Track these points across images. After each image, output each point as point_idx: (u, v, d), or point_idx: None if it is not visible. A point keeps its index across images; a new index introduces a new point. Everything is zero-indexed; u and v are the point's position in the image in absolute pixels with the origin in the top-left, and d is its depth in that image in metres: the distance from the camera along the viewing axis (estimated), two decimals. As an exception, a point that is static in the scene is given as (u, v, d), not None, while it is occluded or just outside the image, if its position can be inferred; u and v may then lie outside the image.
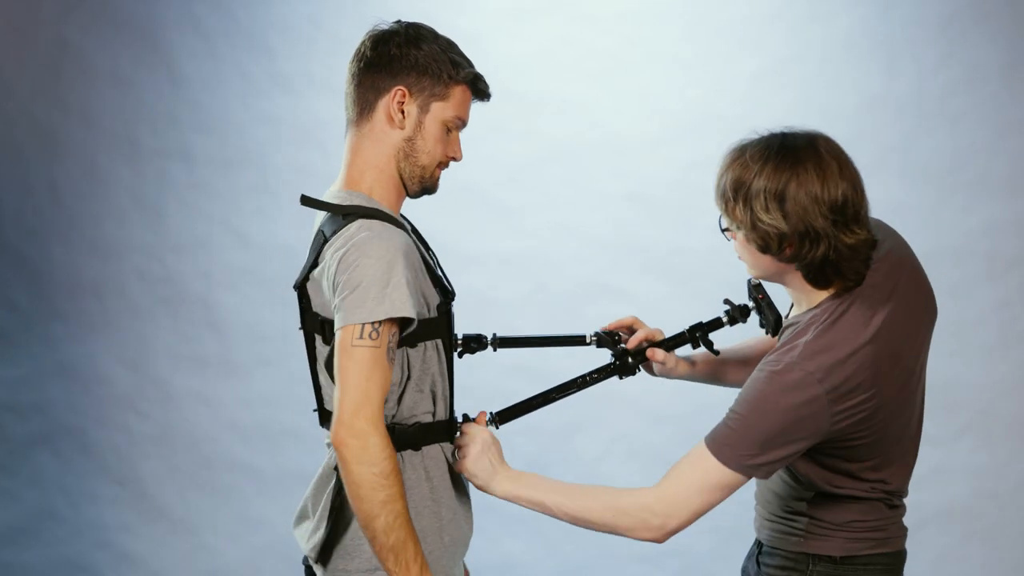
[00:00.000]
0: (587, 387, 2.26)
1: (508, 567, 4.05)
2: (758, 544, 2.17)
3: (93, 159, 4.20)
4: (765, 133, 1.94)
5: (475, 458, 2.09)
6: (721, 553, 3.81)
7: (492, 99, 2.17)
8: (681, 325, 2.35)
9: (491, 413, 2.19)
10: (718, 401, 2.55)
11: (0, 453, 4.26)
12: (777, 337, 2.12)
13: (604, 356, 2.36)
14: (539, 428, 3.91)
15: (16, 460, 4.26)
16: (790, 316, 2.10)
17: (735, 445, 1.92)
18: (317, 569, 2.10)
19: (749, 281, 2.17)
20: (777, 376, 1.90)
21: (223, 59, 4.14)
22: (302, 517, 2.16)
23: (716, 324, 2.27)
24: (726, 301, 2.25)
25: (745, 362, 2.36)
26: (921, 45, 3.84)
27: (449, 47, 2.10)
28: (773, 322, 2.15)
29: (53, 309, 4.23)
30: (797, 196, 1.85)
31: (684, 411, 3.88)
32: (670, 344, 2.29)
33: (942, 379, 3.60)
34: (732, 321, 2.26)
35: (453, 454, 2.14)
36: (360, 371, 1.93)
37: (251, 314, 4.18)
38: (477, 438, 2.11)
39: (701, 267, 3.98)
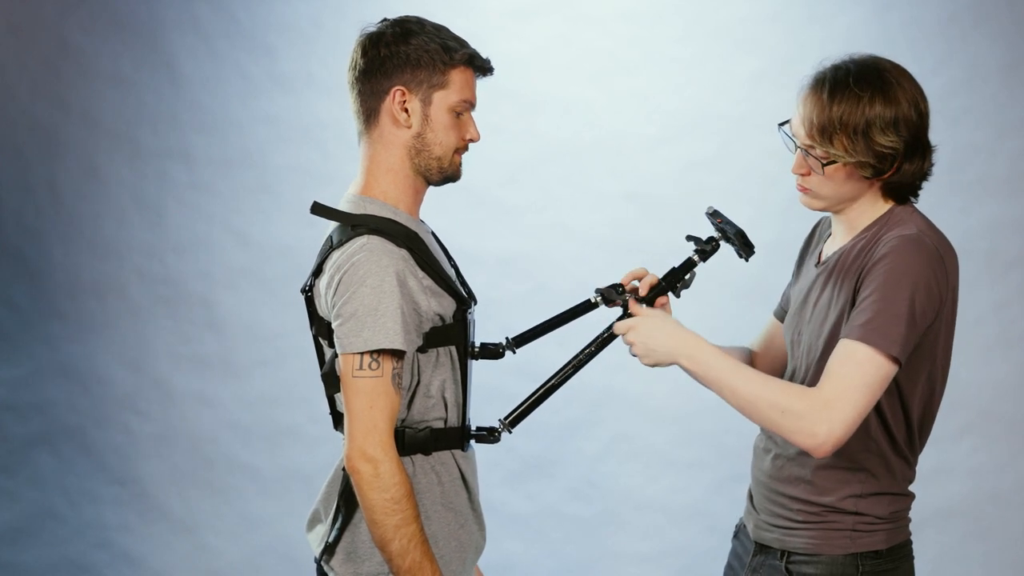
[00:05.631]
0: (587, 363, 2.18)
1: (508, 567, 4.04)
2: (784, 554, 2.10)
3: (93, 159, 4.20)
4: (833, 63, 2.01)
5: (646, 337, 2.05)
6: (721, 553, 3.80)
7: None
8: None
9: (500, 421, 2.16)
10: (719, 402, 2.56)
11: (0, 453, 4.26)
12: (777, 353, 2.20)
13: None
14: (539, 428, 3.91)
15: (16, 460, 4.26)
16: (826, 252, 2.11)
17: (882, 327, 1.89)
18: (329, 572, 2.10)
19: (707, 211, 2.17)
20: (904, 244, 1.93)
21: (223, 59, 4.14)
22: (314, 520, 2.16)
23: (689, 265, 2.22)
24: (689, 238, 2.20)
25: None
26: (920, 46, 3.84)
27: (438, 32, 2.07)
28: (740, 241, 2.11)
29: (53, 309, 4.23)
30: (909, 115, 1.94)
31: (684, 411, 3.88)
32: (661, 289, 2.24)
33: (942, 379, 3.59)
34: (703, 256, 2.20)
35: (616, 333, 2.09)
36: (364, 400, 1.95)
37: (251, 314, 4.18)
38: (640, 323, 2.06)
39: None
